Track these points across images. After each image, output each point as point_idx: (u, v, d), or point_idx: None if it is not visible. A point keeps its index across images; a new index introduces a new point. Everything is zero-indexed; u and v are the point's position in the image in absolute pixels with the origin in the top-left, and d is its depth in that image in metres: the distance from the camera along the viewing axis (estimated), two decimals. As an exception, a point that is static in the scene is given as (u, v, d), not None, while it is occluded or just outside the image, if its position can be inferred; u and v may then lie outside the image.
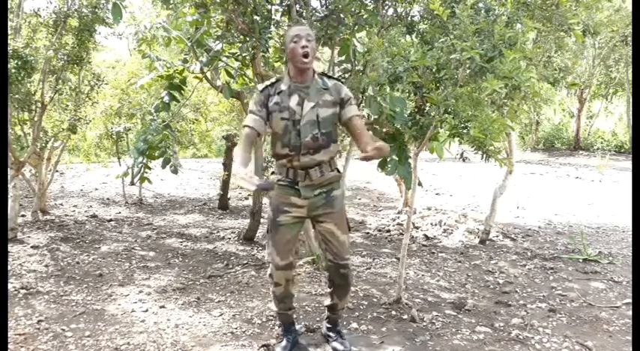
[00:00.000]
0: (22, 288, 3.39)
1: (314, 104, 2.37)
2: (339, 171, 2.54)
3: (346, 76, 3.75)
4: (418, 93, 3.10)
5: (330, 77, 2.48)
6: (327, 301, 2.70)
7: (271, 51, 4.36)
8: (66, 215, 5.80)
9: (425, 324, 2.98)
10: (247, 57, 4.15)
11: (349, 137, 3.05)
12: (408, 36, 3.73)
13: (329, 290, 2.67)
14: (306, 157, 2.39)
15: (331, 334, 2.70)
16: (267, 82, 2.47)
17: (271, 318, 3.02)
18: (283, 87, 2.40)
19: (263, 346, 2.67)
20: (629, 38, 11.26)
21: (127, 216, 5.95)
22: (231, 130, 7.78)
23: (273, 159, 2.71)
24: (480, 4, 3.05)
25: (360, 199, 7.34)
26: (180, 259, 4.28)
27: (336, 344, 2.63)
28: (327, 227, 2.49)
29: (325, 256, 2.59)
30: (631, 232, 5.23)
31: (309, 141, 2.37)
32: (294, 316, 2.78)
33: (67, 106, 5.50)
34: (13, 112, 4.67)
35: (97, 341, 2.69)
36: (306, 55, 2.30)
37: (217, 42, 4.07)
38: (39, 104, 4.88)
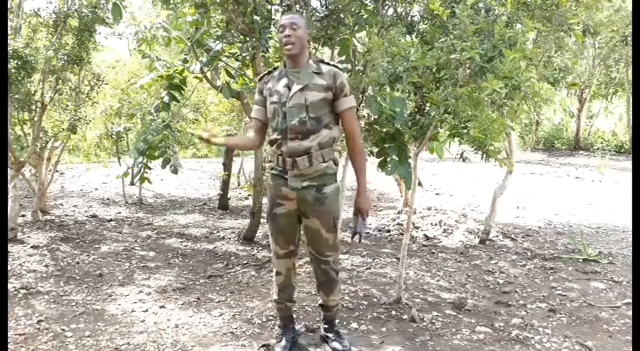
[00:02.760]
0: (22, 288, 3.39)
1: (302, 87, 2.34)
2: (335, 163, 2.46)
3: (346, 76, 3.76)
4: (418, 93, 3.10)
5: (327, 63, 2.45)
6: (319, 300, 2.72)
7: (271, 51, 4.36)
8: (66, 215, 5.80)
9: (425, 324, 2.98)
10: (247, 57, 4.15)
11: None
12: (408, 36, 3.73)
13: (316, 286, 2.68)
14: (294, 143, 2.34)
15: (329, 334, 2.69)
16: (266, 71, 2.55)
17: (271, 318, 3.02)
18: (276, 73, 2.47)
19: (263, 346, 2.67)
20: (629, 38, 11.25)
21: (127, 216, 5.95)
22: (231, 130, 7.76)
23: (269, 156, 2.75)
24: (480, 4, 3.05)
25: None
26: (180, 259, 4.28)
27: (335, 344, 2.63)
28: (312, 224, 2.45)
29: (308, 249, 2.59)
30: (631, 232, 5.23)
31: (295, 124, 2.33)
32: (294, 314, 2.79)
33: (67, 106, 5.50)
34: (13, 112, 4.67)
35: (97, 341, 2.69)
36: (288, 43, 2.34)
37: (217, 42, 4.07)
38: (39, 104, 4.88)
